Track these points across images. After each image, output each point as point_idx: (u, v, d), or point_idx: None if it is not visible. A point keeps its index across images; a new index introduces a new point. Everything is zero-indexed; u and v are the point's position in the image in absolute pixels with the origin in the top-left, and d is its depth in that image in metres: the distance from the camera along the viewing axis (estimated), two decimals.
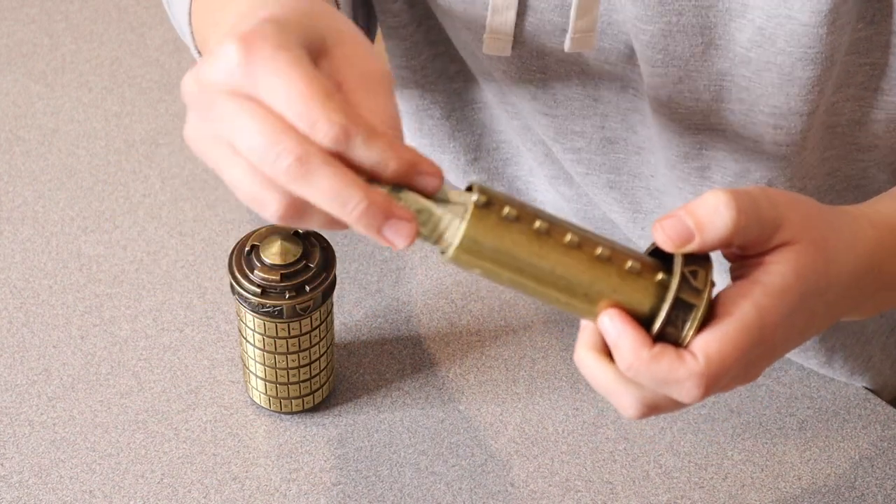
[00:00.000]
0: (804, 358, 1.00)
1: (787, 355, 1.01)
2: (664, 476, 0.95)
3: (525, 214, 0.66)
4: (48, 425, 0.98)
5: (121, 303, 1.05)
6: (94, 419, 0.98)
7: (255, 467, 0.96)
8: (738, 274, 0.70)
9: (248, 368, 0.96)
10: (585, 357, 0.69)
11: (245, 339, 0.94)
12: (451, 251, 0.66)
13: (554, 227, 0.66)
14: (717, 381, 0.67)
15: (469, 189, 0.67)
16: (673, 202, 0.95)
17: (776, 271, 0.68)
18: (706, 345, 0.67)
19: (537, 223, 0.66)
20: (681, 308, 0.67)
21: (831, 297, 0.71)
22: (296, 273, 0.90)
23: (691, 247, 0.67)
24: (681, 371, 0.66)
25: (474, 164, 1.06)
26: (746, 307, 0.67)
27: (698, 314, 0.67)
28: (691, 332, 0.67)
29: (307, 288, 0.90)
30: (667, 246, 0.67)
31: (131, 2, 1.29)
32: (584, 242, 0.67)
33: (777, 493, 0.94)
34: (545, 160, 1.02)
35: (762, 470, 0.95)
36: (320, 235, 0.93)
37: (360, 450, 0.96)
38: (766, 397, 0.99)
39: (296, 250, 0.91)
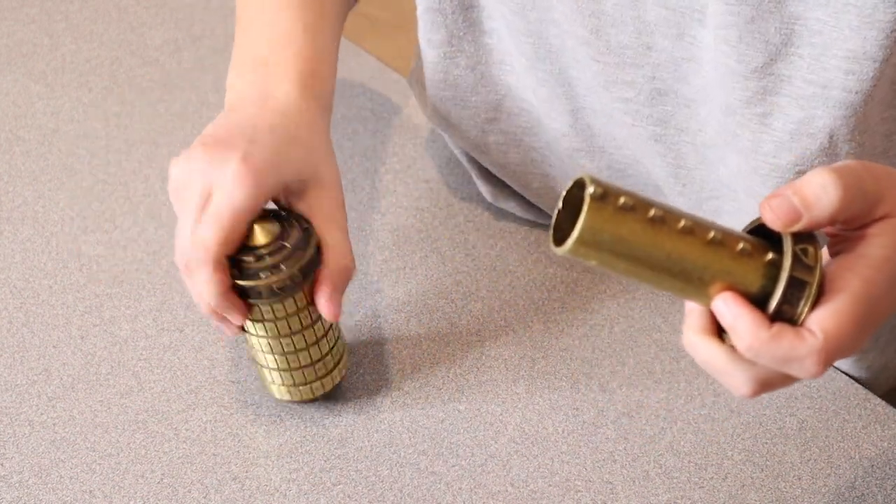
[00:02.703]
0: None
1: None
2: (664, 476, 0.95)
3: (639, 204, 0.68)
4: (48, 425, 0.98)
5: (121, 303, 1.05)
6: (94, 419, 0.98)
7: (255, 467, 0.96)
8: (837, 249, 0.72)
9: (259, 364, 0.95)
10: (696, 340, 0.71)
11: (249, 332, 0.93)
12: (570, 243, 0.67)
13: (668, 215, 0.68)
14: (836, 355, 0.68)
15: (578, 182, 0.68)
16: (720, 157, 0.95)
17: (878, 244, 0.70)
18: (822, 321, 0.68)
19: (652, 211, 0.68)
20: (795, 286, 0.68)
21: None
22: (273, 253, 0.90)
23: (799, 225, 0.69)
24: (801, 349, 0.68)
25: (493, 125, 1.06)
26: (855, 281, 0.68)
27: (812, 291, 0.68)
28: (806, 309, 0.68)
29: (283, 267, 0.90)
30: (776, 225, 0.69)
31: (131, 2, 1.29)
32: (697, 227, 0.68)
33: (777, 493, 0.94)
34: (569, 131, 1.01)
35: (762, 470, 0.95)
36: (301, 216, 0.92)
37: (360, 450, 0.96)
38: (766, 397, 0.99)
39: (273, 230, 0.90)
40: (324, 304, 0.90)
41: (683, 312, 1.04)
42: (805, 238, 0.69)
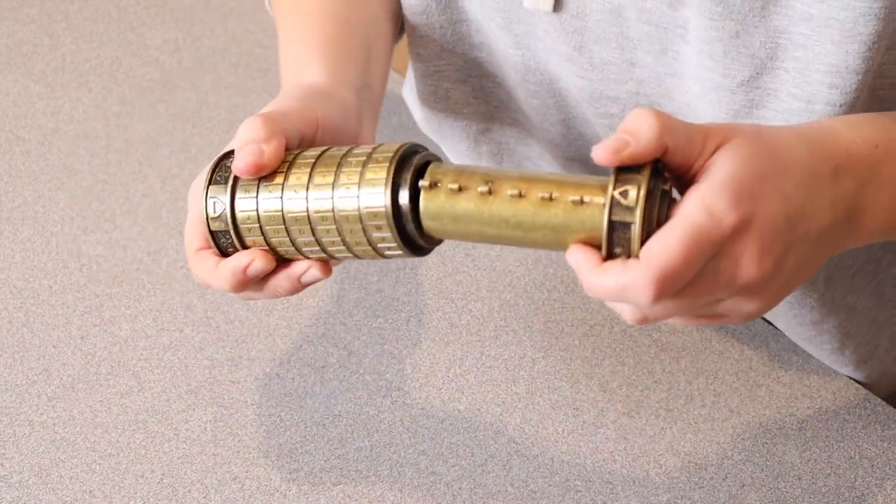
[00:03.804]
0: (818, 343, 1.01)
1: (799, 342, 1.02)
2: (664, 476, 0.95)
3: (469, 183, 0.72)
4: (48, 425, 0.98)
5: (121, 303, 1.05)
6: (94, 419, 0.98)
7: (255, 467, 0.96)
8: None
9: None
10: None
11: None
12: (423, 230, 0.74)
13: (496, 186, 0.72)
14: (667, 279, 0.68)
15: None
16: None
17: (716, 167, 0.70)
18: (647, 247, 0.68)
19: (480, 187, 0.72)
20: (619, 229, 0.69)
21: (798, 178, 0.71)
22: None
23: (629, 150, 0.69)
24: (626, 277, 0.68)
25: (486, 135, 1.06)
26: (689, 203, 0.68)
27: (636, 229, 0.69)
28: (637, 247, 0.69)
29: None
30: (606, 159, 0.69)
31: (131, 2, 1.29)
32: (527, 190, 0.71)
33: (777, 493, 0.94)
34: (561, 141, 1.01)
35: (762, 470, 0.95)
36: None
37: (360, 450, 0.96)
38: (766, 397, 0.99)
39: None
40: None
41: None
42: (629, 180, 0.70)
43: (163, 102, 1.20)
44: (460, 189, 0.72)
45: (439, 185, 0.73)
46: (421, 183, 0.73)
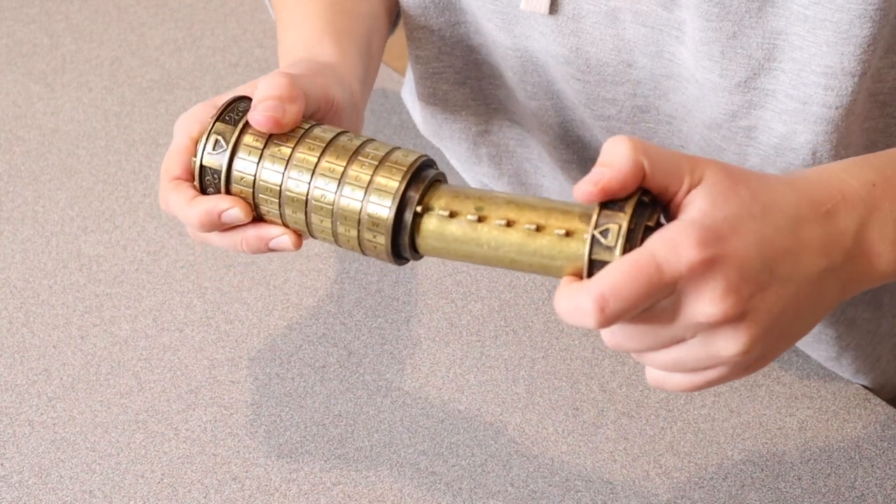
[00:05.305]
0: (815, 349, 1.01)
1: (797, 343, 1.02)
2: (664, 476, 0.95)
3: (461, 208, 0.73)
4: (48, 425, 0.98)
5: (121, 303, 1.05)
6: (94, 419, 0.98)
7: (255, 467, 0.96)
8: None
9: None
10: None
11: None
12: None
13: (486, 212, 0.73)
14: (610, 299, 0.67)
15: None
16: None
17: (693, 205, 0.70)
18: (602, 270, 0.68)
19: (469, 215, 0.73)
20: (598, 267, 0.70)
21: (780, 221, 0.71)
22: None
23: (606, 178, 0.69)
24: (576, 297, 0.68)
25: (485, 137, 1.06)
26: (655, 236, 0.69)
27: None
28: None
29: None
30: (588, 192, 0.69)
31: (131, 2, 1.30)
32: (515, 220, 0.72)
33: (777, 493, 0.94)
34: (559, 143, 1.01)
35: (762, 470, 0.95)
36: None
37: (360, 450, 0.97)
38: (766, 397, 1.00)
39: None
40: None
41: None
42: (611, 217, 0.70)
43: (163, 102, 1.20)
44: (451, 215, 0.73)
45: (431, 209, 0.74)
46: (414, 210, 0.74)
